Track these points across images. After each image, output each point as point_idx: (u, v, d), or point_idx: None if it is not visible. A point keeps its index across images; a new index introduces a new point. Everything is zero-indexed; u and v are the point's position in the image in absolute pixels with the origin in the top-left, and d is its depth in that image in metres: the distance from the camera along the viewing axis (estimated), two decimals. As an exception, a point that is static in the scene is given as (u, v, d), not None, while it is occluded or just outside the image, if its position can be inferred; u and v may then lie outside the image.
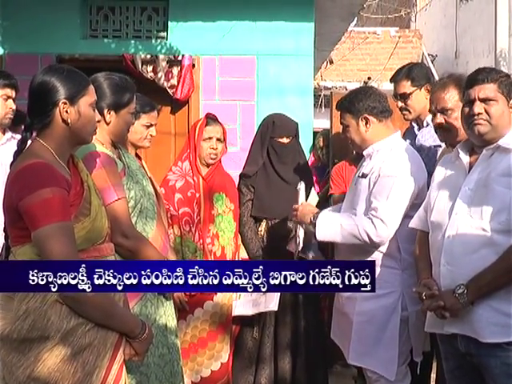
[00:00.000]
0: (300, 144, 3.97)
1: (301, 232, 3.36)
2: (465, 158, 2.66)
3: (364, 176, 3.19)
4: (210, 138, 3.68)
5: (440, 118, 2.97)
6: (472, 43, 11.00)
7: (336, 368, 4.63)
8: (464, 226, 2.54)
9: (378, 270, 3.05)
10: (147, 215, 2.77)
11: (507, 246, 2.44)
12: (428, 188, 3.05)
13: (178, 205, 3.55)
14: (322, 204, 4.63)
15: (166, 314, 2.74)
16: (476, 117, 2.55)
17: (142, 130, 3.21)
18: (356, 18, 7.82)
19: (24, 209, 2.03)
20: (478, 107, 2.55)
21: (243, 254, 3.76)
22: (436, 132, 3.08)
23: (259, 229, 3.78)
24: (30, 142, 2.21)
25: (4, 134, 3.64)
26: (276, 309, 3.56)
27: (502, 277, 2.45)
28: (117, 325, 2.15)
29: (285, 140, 3.83)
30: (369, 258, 3.10)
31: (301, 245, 3.39)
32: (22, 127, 2.26)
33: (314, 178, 4.78)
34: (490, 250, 2.47)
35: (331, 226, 3.14)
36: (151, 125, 3.25)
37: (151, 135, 3.25)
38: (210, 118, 3.76)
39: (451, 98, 2.93)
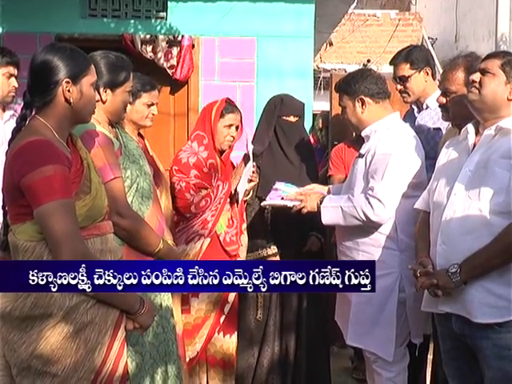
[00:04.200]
0: (304, 125, 3.96)
1: (279, 202, 3.39)
2: (471, 138, 2.65)
3: (361, 156, 3.21)
4: (231, 126, 3.63)
5: (442, 98, 2.99)
6: (472, 27, 10.95)
7: (333, 349, 4.66)
8: (462, 207, 2.55)
9: (376, 250, 3.10)
10: (143, 195, 2.77)
11: (503, 228, 2.45)
12: (427, 168, 3.07)
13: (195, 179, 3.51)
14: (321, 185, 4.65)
15: (161, 293, 2.74)
16: (470, 84, 2.59)
17: (144, 109, 3.21)
18: (356, 0, 7.77)
19: (26, 186, 2.03)
20: (475, 76, 2.58)
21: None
22: (441, 110, 3.09)
23: (265, 210, 3.78)
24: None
25: (4, 111, 3.66)
26: None
27: (496, 258, 2.45)
28: (117, 301, 2.16)
29: (292, 119, 3.79)
30: (367, 238, 3.13)
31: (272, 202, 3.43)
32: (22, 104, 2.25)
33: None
34: (485, 231, 2.47)
35: (333, 210, 3.17)
36: (152, 104, 3.25)
37: (153, 114, 3.26)
38: (230, 105, 3.68)
39: (456, 80, 2.93)
